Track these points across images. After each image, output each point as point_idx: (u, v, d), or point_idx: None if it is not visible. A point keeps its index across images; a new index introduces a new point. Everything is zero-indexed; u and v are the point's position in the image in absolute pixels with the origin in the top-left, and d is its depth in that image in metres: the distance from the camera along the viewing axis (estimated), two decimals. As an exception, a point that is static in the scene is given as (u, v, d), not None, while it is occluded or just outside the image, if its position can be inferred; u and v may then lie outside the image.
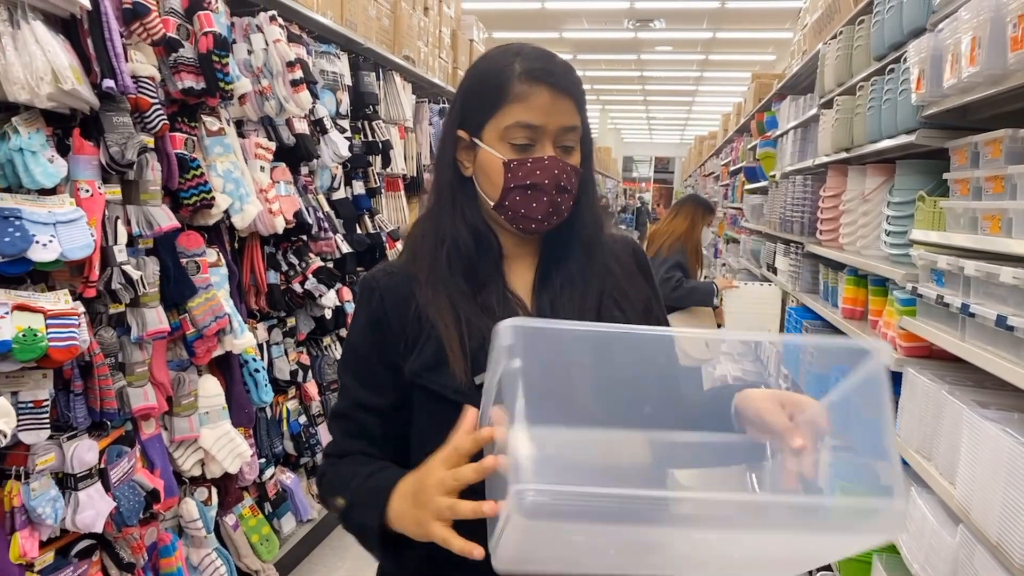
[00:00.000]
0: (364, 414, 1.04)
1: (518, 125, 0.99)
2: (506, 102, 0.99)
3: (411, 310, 1.01)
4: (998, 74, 1.47)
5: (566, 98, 1.00)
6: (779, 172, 4.35)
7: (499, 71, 1.01)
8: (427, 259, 1.04)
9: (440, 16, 5.04)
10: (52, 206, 1.82)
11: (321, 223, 3.14)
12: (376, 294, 1.04)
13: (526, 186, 1.00)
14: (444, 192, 1.07)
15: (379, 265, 1.10)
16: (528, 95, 0.98)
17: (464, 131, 1.04)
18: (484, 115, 1.01)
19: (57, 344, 1.75)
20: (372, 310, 1.04)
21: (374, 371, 1.03)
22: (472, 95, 1.04)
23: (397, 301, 1.02)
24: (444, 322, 0.99)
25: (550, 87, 0.99)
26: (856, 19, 2.71)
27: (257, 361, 2.77)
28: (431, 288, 1.02)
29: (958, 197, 1.81)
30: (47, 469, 1.88)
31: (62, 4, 1.81)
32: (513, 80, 0.99)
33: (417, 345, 1.00)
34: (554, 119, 0.99)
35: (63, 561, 1.99)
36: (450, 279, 1.02)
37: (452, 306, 1.00)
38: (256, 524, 2.82)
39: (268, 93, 2.71)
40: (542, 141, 1.00)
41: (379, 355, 1.03)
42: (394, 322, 1.02)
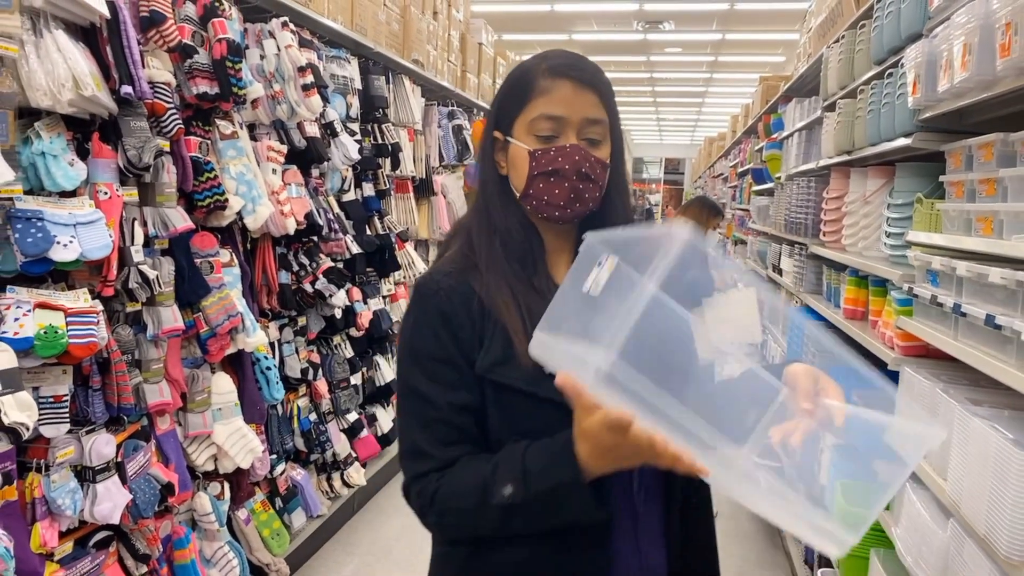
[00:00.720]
0: (461, 415, 1.01)
1: (542, 117, 1.03)
2: (532, 97, 1.04)
3: (474, 306, 1.03)
4: (988, 80, 1.51)
5: (589, 91, 1.04)
6: (784, 174, 4.38)
7: (526, 71, 1.07)
8: (484, 248, 1.08)
9: (449, 20, 5.09)
10: (72, 208, 1.89)
11: (331, 224, 3.20)
12: (440, 295, 1.04)
13: (548, 172, 1.03)
14: (488, 191, 1.12)
15: (431, 271, 1.10)
16: (551, 88, 1.03)
17: (498, 131, 1.10)
18: (514, 113, 1.06)
19: (77, 341, 1.81)
20: (441, 309, 1.03)
21: (458, 369, 1.02)
22: (504, 97, 1.09)
23: (461, 300, 1.04)
24: (506, 306, 1.03)
25: (572, 80, 1.03)
26: (858, 23, 2.74)
27: (269, 359, 2.84)
28: (490, 275, 1.05)
29: (953, 199, 1.85)
30: (66, 462, 1.95)
31: (82, 13, 1.88)
32: (538, 77, 1.04)
33: (484, 341, 1.02)
34: (577, 111, 1.03)
35: (81, 551, 2.05)
36: (507, 265, 1.06)
37: (511, 291, 1.04)
38: (267, 519, 2.89)
39: (280, 97, 2.78)
40: (566, 132, 1.04)
41: (459, 352, 1.02)
42: (463, 319, 1.03)
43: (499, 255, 1.07)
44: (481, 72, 5.99)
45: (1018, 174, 1.49)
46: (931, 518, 1.64)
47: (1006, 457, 1.32)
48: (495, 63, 6.51)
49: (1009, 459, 1.31)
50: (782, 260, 4.19)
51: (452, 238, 1.16)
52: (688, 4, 10.08)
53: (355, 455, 3.62)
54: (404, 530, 3.63)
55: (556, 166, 1.03)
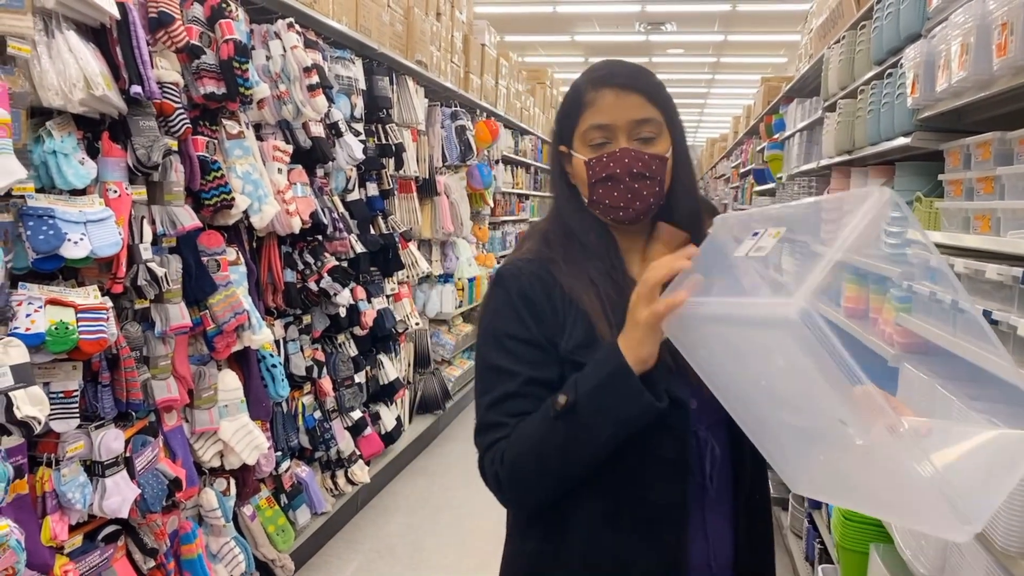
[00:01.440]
0: (538, 389, 1.05)
1: (592, 127, 1.09)
2: (582, 111, 1.10)
3: (556, 291, 1.09)
4: (985, 79, 1.53)
5: (632, 94, 1.08)
6: (786, 174, 4.40)
7: (575, 88, 1.13)
8: (561, 246, 1.14)
9: (452, 21, 5.12)
10: (83, 206, 1.91)
11: (336, 223, 3.23)
12: (523, 279, 1.10)
13: (604, 179, 1.08)
14: (561, 200, 1.18)
15: (512, 259, 1.17)
16: (596, 99, 1.09)
17: (562, 146, 1.16)
18: (571, 128, 1.12)
19: (87, 337, 1.84)
20: (524, 292, 1.09)
21: (540, 348, 1.07)
22: (561, 114, 1.16)
23: (542, 285, 1.10)
24: (587, 294, 1.08)
25: (612, 87, 1.08)
26: (858, 24, 2.76)
27: (274, 357, 2.86)
28: (570, 268, 1.11)
29: (952, 198, 1.87)
30: (76, 456, 1.98)
31: (93, 14, 1.91)
32: (584, 91, 1.10)
33: (567, 326, 1.08)
34: (622, 115, 1.07)
35: (90, 545, 2.08)
36: (585, 261, 1.12)
37: (592, 282, 1.10)
38: (272, 515, 2.91)
39: (285, 97, 2.80)
40: (616, 137, 1.08)
41: (539, 332, 1.07)
42: (544, 303, 1.09)
43: (576, 253, 1.13)
44: (484, 73, 6.02)
45: (1016, 172, 1.52)
46: (929, 512, 1.66)
47: (1002, 450, 1.34)
48: (498, 64, 6.54)
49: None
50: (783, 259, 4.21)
51: (527, 239, 1.21)
52: (690, 5, 10.11)
53: (359, 453, 3.65)
54: (407, 527, 3.65)
55: (609, 172, 1.08)
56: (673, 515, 1.04)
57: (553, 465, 1.02)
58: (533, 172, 9.00)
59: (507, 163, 7.46)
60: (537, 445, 1.01)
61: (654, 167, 1.08)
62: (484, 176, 5.53)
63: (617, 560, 1.06)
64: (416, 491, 4.11)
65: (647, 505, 1.05)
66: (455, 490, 4.09)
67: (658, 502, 1.04)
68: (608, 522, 1.06)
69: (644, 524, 1.05)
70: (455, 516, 3.77)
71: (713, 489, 1.07)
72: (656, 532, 1.05)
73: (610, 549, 1.06)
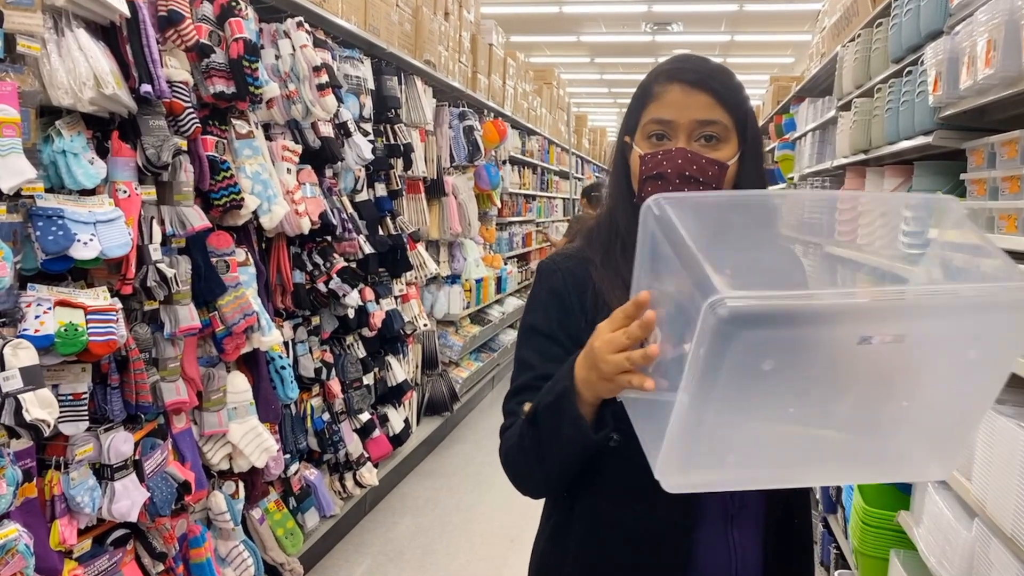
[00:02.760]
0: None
1: (653, 121, 1.05)
2: (647, 103, 1.07)
3: (589, 290, 1.08)
4: (1013, 76, 1.50)
5: (701, 93, 1.03)
6: (797, 174, 4.36)
7: (646, 78, 1.09)
8: (603, 246, 1.11)
9: (460, 21, 5.10)
10: (92, 206, 1.89)
11: (345, 224, 3.20)
12: (558, 275, 1.11)
13: (655, 176, 1.04)
14: (617, 194, 1.15)
15: (554, 253, 1.17)
16: (662, 93, 1.05)
17: (627, 136, 1.12)
18: (635, 119, 1.09)
19: (97, 339, 1.82)
20: (555, 288, 1.10)
21: (560, 344, 1.07)
22: (631, 104, 1.12)
23: (577, 281, 1.09)
24: (619, 301, 1.03)
25: (682, 83, 1.04)
26: (874, 22, 2.73)
27: (283, 358, 2.84)
28: (606, 271, 1.09)
29: (975, 197, 1.84)
30: (85, 459, 1.95)
31: (103, 12, 1.88)
32: (653, 82, 1.07)
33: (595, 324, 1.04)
34: (686, 113, 1.03)
35: (99, 549, 2.06)
36: (624, 264, 1.07)
37: (625, 288, 1.05)
38: (281, 518, 2.89)
39: (295, 97, 2.78)
40: (676, 135, 1.04)
41: (563, 329, 1.08)
42: (575, 300, 1.08)
43: (616, 255, 1.10)
44: (491, 73, 6.00)
45: (1044, 171, 1.48)
46: (955, 518, 1.62)
47: (1033, 455, 1.31)
48: (505, 64, 6.52)
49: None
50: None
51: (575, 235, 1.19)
52: (697, 5, 10.07)
53: (367, 455, 3.62)
54: (416, 530, 3.63)
55: (660, 169, 1.04)
56: (679, 531, 1.01)
57: (532, 463, 1.02)
58: (540, 173, 8.97)
59: (514, 164, 7.43)
60: (518, 442, 1.02)
61: (710, 172, 1.03)
62: (492, 177, 5.50)
63: (617, 569, 1.03)
64: (425, 493, 4.08)
65: (652, 519, 1.02)
66: (464, 492, 4.06)
67: (664, 517, 1.01)
68: (611, 531, 1.04)
69: (648, 536, 1.02)
70: (464, 518, 3.74)
71: (735, 506, 1.04)
72: (660, 547, 1.02)
73: (612, 558, 1.04)
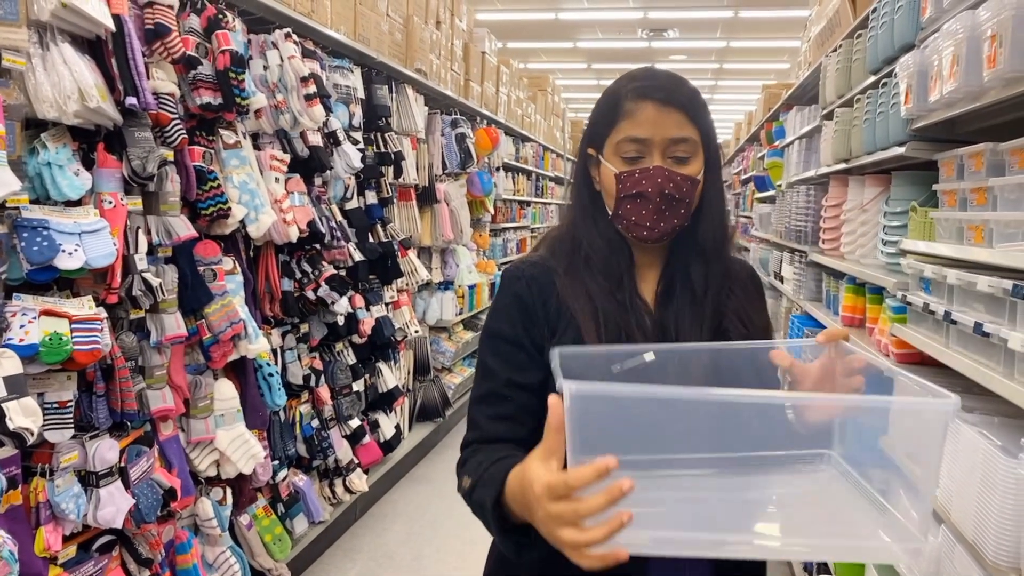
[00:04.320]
0: (516, 392, 1.07)
1: (627, 139, 1.06)
2: (618, 119, 1.07)
3: (553, 298, 1.09)
4: (975, 90, 1.53)
5: (674, 111, 1.05)
6: (785, 182, 4.40)
7: (615, 92, 1.10)
8: (565, 258, 1.13)
9: (452, 29, 5.14)
10: (77, 217, 1.92)
11: (334, 232, 3.23)
12: (523, 281, 1.11)
13: (634, 195, 1.06)
14: (579, 204, 1.16)
15: (520, 259, 1.18)
16: (635, 111, 1.06)
17: (592, 148, 1.14)
18: (604, 133, 1.10)
19: (81, 348, 1.84)
20: (520, 295, 1.10)
21: (524, 351, 1.08)
22: (596, 115, 1.13)
23: (541, 289, 1.10)
24: (583, 313, 1.07)
25: (655, 102, 1.05)
26: (855, 33, 2.76)
27: (271, 366, 2.86)
28: (570, 281, 1.10)
29: (946, 208, 1.87)
30: (70, 467, 1.98)
31: (88, 27, 1.92)
32: (624, 99, 1.07)
33: (557, 332, 1.07)
34: (660, 131, 1.05)
35: (85, 555, 2.08)
36: (588, 275, 1.10)
37: (590, 298, 1.08)
38: (269, 524, 2.91)
39: (283, 107, 2.81)
40: (651, 153, 1.06)
41: (527, 336, 1.08)
42: (539, 307, 1.09)
43: (580, 267, 1.11)
44: (484, 80, 6.03)
45: (1007, 183, 1.51)
46: (923, 524, 1.65)
47: (994, 463, 1.34)
48: (498, 71, 6.56)
49: (996, 465, 1.32)
50: (783, 267, 4.21)
51: (541, 243, 1.21)
52: (692, 12, 10.12)
53: (357, 461, 3.64)
54: (407, 536, 3.65)
55: (640, 189, 1.06)
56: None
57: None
58: (534, 179, 9.01)
59: (508, 170, 7.46)
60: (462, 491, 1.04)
61: (685, 189, 1.06)
62: (484, 183, 5.54)
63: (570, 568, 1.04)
64: (416, 499, 4.10)
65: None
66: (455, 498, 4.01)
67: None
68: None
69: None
70: (455, 524, 3.76)
71: None
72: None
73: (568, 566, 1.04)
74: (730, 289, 1.13)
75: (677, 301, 1.11)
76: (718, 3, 9.58)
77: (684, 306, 1.10)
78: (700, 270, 1.12)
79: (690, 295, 1.11)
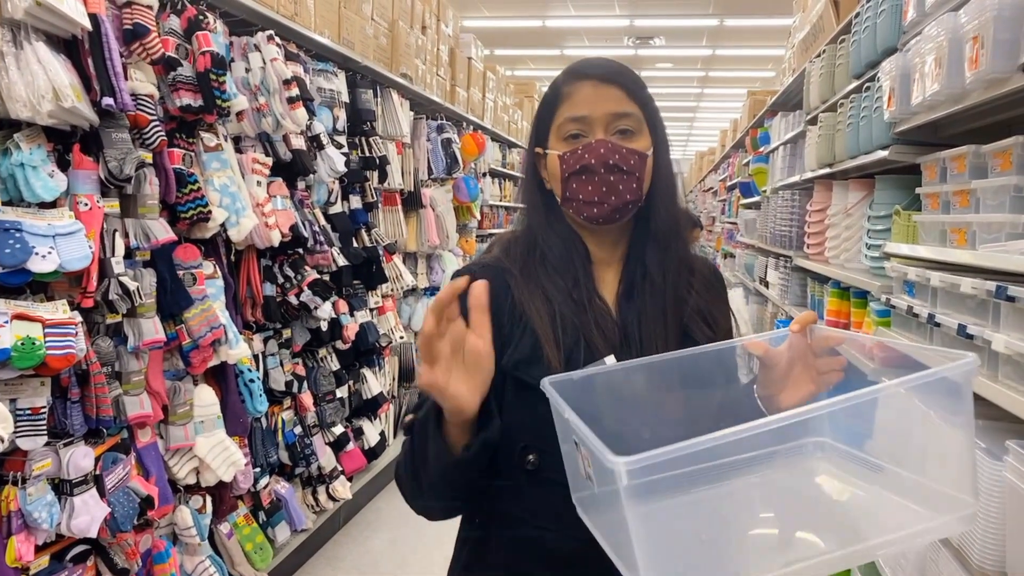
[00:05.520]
0: None
1: (567, 120, 1.05)
2: (559, 105, 1.06)
3: (507, 303, 1.05)
4: (957, 93, 1.53)
5: (611, 86, 1.04)
6: (770, 187, 4.41)
7: (552, 84, 1.10)
8: (520, 258, 1.09)
9: (438, 35, 5.13)
10: (52, 219, 1.88)
11: (317, 237, 3.20)
12: None
13: (578, 171, 1.03)
14: (532, 207, 1.14)
15: (470, 262, 1.15)
16: (573, 92, 1.05)
17: (538, 147, 1.12)
18: (547, 125, 1.08)
19: (55, 352, 1.80)
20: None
21: None
22: (538, 112, 1.12)
23: (494, 293, 1.02)
24: (539, 316, 1.03)
25: (591, 79, 1.04)
26: (838, 38, 2.77)
27: (252, 371, 2.83)
28: (526, 283, 1.06)
29: (929, 211, 1.87)
30: (43, 475, 1.93)
31: (64, 26, 1.88)
32: (561, 84, 1.07)
33: (513, 338, 1.03)
34: (599, 107, 1.03)
35: (58, 565, 2.03)
36: (545, 276, 1.07)
37: (547, 300, 1.05)
38: (250, 532, 2.86)
39: (265, 110, 2.78)
40: (593, 130, 1.04)
41: None
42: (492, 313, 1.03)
43: (536, 266, 1.08)
44: (471, 86, 6.03)
45: (990, 185, 1.51)
46: (908, 528, 1.64)
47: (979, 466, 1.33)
48: (484, 77, 6.55)
49: (981, 468, 1.31)
50: (769, 272, 4.21)
51: (493, 245, 1.17)
52: (678, 20, 10.18)
53: (341, 469, 3.60)
54: (391, 544, 3.60)
55: (583, 163, 1.03)
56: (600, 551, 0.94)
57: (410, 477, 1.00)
58: (521, 185, 8.99)
59: (495, 176, 7.46)
60: (402, 456, 1.01)
61: (632, 162, 1.03)
62: (471, 189, 5.52)
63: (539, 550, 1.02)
64: (401, 506, 4.00)
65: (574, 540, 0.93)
66: (439, 506, 4.04)
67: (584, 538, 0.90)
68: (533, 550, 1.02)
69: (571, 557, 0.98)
70: (440, 530, 3.71)
71: None
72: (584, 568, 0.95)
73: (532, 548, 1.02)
74: (691, 283, 1.10)
75: (639, 298, 1.07)
76: (703, 11, 9.64)
77: (646, 302, 1.07)
78: (657, 257, 1.09)
79: (651, 290, 1.07)
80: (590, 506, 0.85)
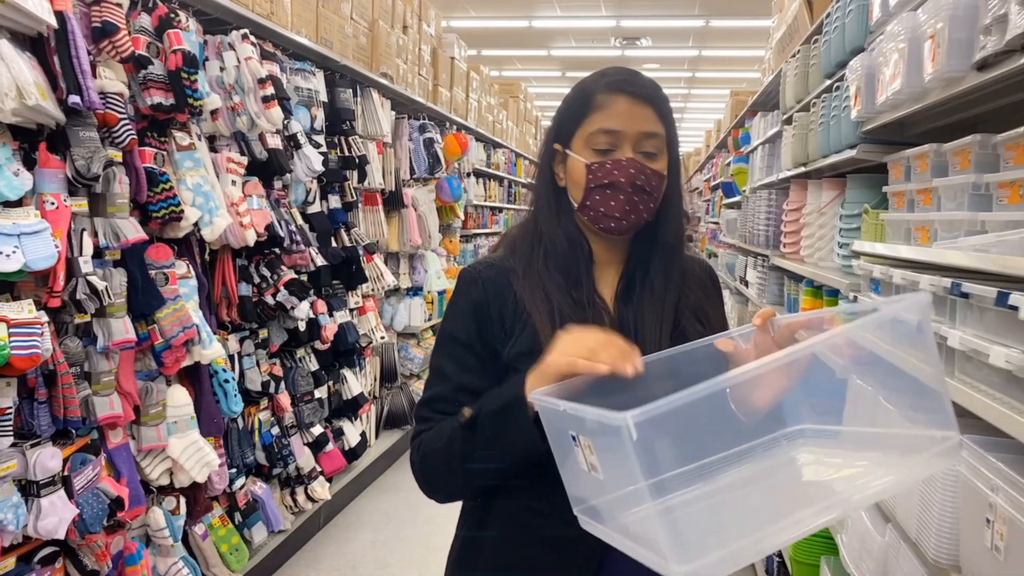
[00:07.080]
0: (467, 396, 1.06)
1: (600, 131, 1.07)
2: (590, 112, 1.08)
3: (509, 300, 1.09)
4: (918, 91, 1.54)
5: (646, 106, 1.07)
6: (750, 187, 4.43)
7: (586, 86, 1.11)
8: (524, 256, 1.13)
9: (420, 34, 5.12)
10: (17, 218, 1.87)
11: (293, 236, 3.19)
12: (479, 284, 1.11)
13: (605, 185, 1.06)
14: (541, 201, 1.16)
15: (477, 260, 1.18)
16: (609, 103, 1.07)
17: (558, 144, 1.13)
18: (573, 127, 1.10)
19: (20, 352, 1.79)
20: (474, 297, 1.10)
21: (476, 355, 1.09)
22: (564, 110, 1.13)
23: (497, 291, 1.10)
24: (539, 312, 1.07)
25: (629, 95, 1.06)
26: (811, 38, 2.79)
27: (227, 372, 2.81)
28: (528, 280, 1.10)
29: (896, 209, 1.88)
30: (9, 475, 1.92)
31: (28, 23, 1.87)
32: (596, 92, 1.08)
33: (514, 333, 1.07)
34: (633, 125, 1.06)
35: (26, 567, 2.02)
36: (546, 274, 1.10)
37: (547, 297, 1.08)
38: (226, 534, 2.85)
39: (240, 109, 2.77)
40: (622, 145, 1.07)
41: (481, 340, 1.09)
42: (494, 310, 1.09)
43: (539, 264, 1.11)
44: (454, 86, 6.02)
45: (949, 183, 1.52)
46: (871, 524, 1.65)
47: (935, 461, 1.34)
48: (468, 77, 6.55)
49: (937, 463, 1.32)
50: (748, 272, 4.23)
51: (500, 243, 1.21)
52: (664, 21, 10.21)
53: (320, 469, 3.59)
54: (371, 545, 3.60)
55: (612, 179, 1.06)
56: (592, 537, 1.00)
57: (456, 468, 1.03)
58: (506, 185, 9.01)
59: (479, 176, 7.45)
60: (446, 446, 1.03)
61: (654, 183, 1.08)
62: (454, 189, 5.52)
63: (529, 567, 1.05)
64: (382, 507, 4.05)
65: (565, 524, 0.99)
66: (422, 506, 4.03)
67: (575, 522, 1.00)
68: (527, 532, 1.05)
69: (560, 541, 1.03)
70: (421, 531, 3.72)
71: None
72: (572, 549, 1.02)
73: (527, 558, 1.05)
74: (688, 287, 1.15)
75: (637, 299, 1.11)
76: (689, 12, 9.67)
77: (644, 304, 1.11)
78: (661, 267, 1.13)
79: (650, 292, 1.12)
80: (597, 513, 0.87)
